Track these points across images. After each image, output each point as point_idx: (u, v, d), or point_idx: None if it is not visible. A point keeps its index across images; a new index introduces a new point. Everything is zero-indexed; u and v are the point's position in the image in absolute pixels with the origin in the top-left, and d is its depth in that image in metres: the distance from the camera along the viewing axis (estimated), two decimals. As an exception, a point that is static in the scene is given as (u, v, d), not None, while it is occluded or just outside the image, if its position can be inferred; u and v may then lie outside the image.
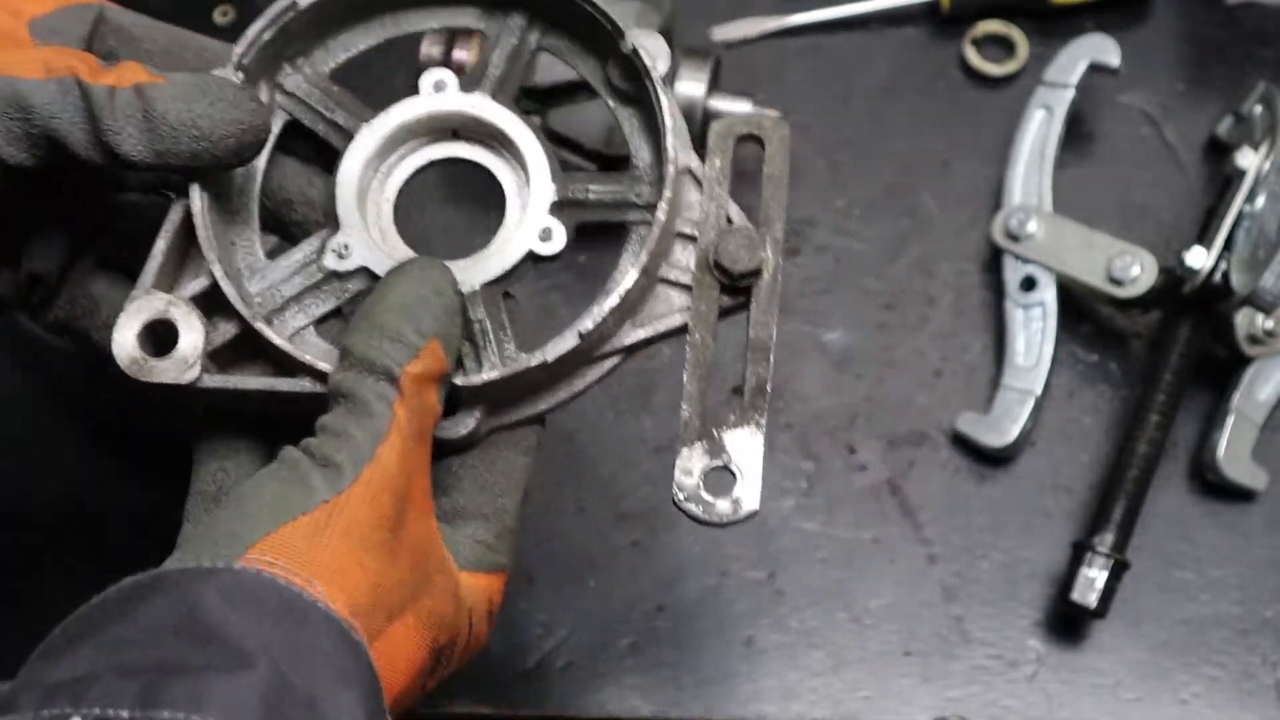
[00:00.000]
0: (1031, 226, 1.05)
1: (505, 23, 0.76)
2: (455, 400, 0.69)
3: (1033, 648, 1.00)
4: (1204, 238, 1.00)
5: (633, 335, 0.71)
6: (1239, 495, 1.03)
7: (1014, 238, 1.06)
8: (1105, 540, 0.98)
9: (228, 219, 0.72)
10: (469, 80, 0.75)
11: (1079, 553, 0.98)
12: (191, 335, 0.67)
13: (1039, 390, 1.02)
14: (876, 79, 1.15)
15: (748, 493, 0.70)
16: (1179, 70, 1.15)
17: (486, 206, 0.76)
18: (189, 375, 0.67)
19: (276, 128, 0.74)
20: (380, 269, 0.70)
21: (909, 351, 1.08)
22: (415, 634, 0.64)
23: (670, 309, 0.71)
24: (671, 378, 1.07)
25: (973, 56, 1.15)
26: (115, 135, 0.64)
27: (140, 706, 0.53)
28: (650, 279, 0.71)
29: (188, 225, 0.69)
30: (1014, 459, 1.04)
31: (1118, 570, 0.97)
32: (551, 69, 1.01)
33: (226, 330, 0.69)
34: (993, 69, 1.15)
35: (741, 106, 1.05)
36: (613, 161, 1.02)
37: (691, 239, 0.72)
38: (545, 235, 0.72)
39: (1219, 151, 1.11)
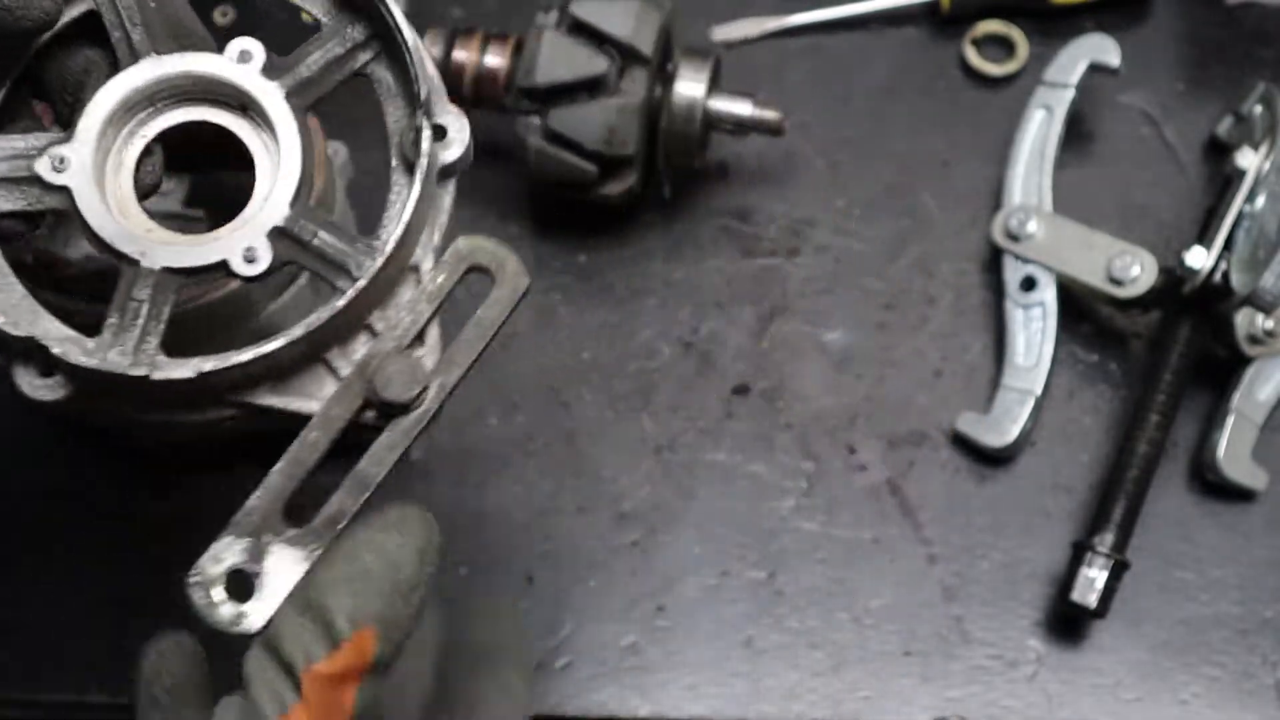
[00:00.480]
0: (1031, 226, 1.05)
1: (345, 29, 0.72)
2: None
3: (1033, 648, 1.00)
4: (1204, 238, 1.00)
5: (265, 398, 0.67)
6: (1239, 495, 1.03)
7: (1014, 238, 1.06)
8: (1105, 540, 0.98)
9: None
10: (277, 68, 0.69)
11: (1079, 553, 0.98)
12: None
13: (1039, 390, 1.02)
14: (876, 79, 1.15)
15: (259, 613, 0.64)
16: (1179, 70, 1.15)
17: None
18: None
19: (77, 11, 0.70)
20: (86, 201, 0.67)
21: (909, 351, 1.08)
22: None
23: (318, 392, 0.67)
24: (671, 377, 1.07)
25: (973, 56, 1.15)
26: None
27: None
28: (313, 351, 0.67)
29: None
30: (1014, 459, 1.04)
31: (1118, 570, 0.97)
32: (551, 69, 1.01)
33: None
34: (993, 69, 1.15)
35: (742, 106, 1.05)
36: (613, 162, 1.02)
37: (374, 335, 0.68)
38: (249, 256, 0.67)
39: (1219, 151, 1.11)
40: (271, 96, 0.68)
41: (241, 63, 0.68)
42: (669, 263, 1.09)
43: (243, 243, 0.66)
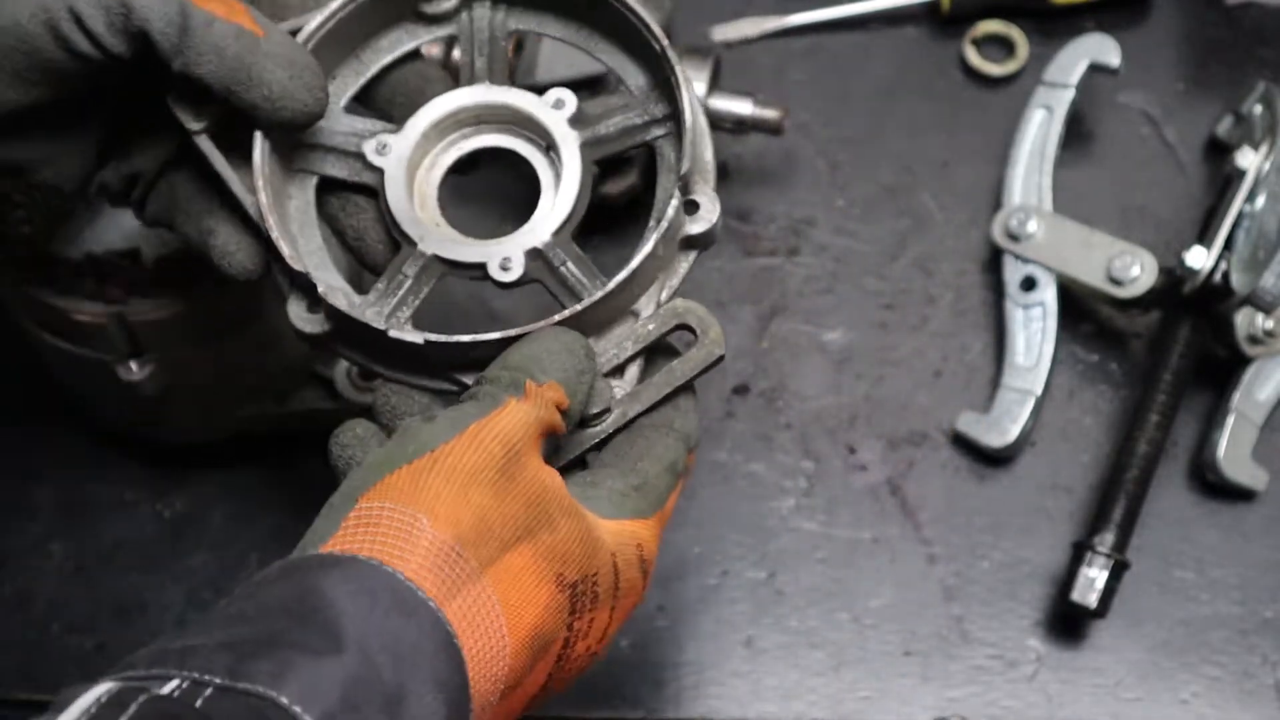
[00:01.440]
0: (1031, 226, 1.05)
1: (650, 104, 0.79)
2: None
3: (1033, 648, 1.00)
4: (1204, 238, 1.00)
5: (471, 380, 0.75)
6: (1239, 495, 1.03)
7: (1014, 238, 1.06)
8: (1105, 540, 0.98)
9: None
10: (580, 119, 0.78)
11: (1079, 553, 0.98)
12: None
13: (1039, 390, 1.02)
14: (876, 79, 1.15)
15: None
16: (1179, 70, 1.15)
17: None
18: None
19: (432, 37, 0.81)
20: (393, 183, 0.76)
21: (909, 351, 1.08)
22: (533, 565, 0.65)
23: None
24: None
25: (973, 56, 1.15)
26: (195, 58, 0.69)
27: (229, 676, 0.56)
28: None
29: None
30: (1014, 459, 1.04)
31: (1118, 570, 0.97)
32: (551, 68, 1.01)
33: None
34: (993, 69, 1.15)
35: (742, 106, 1.05)
36: (614, 161, 1.02)
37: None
38: (505, 265, 0.75)
39: (1219, 151, 1.11)
40: (570, 143, 0.77)
41: (555, 109, 0.78)
42: (669, 262, 1.09)
43: (502, 254, 0.75)
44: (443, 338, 0.72)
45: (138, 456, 1.04)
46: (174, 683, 0.55)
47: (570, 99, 0.78)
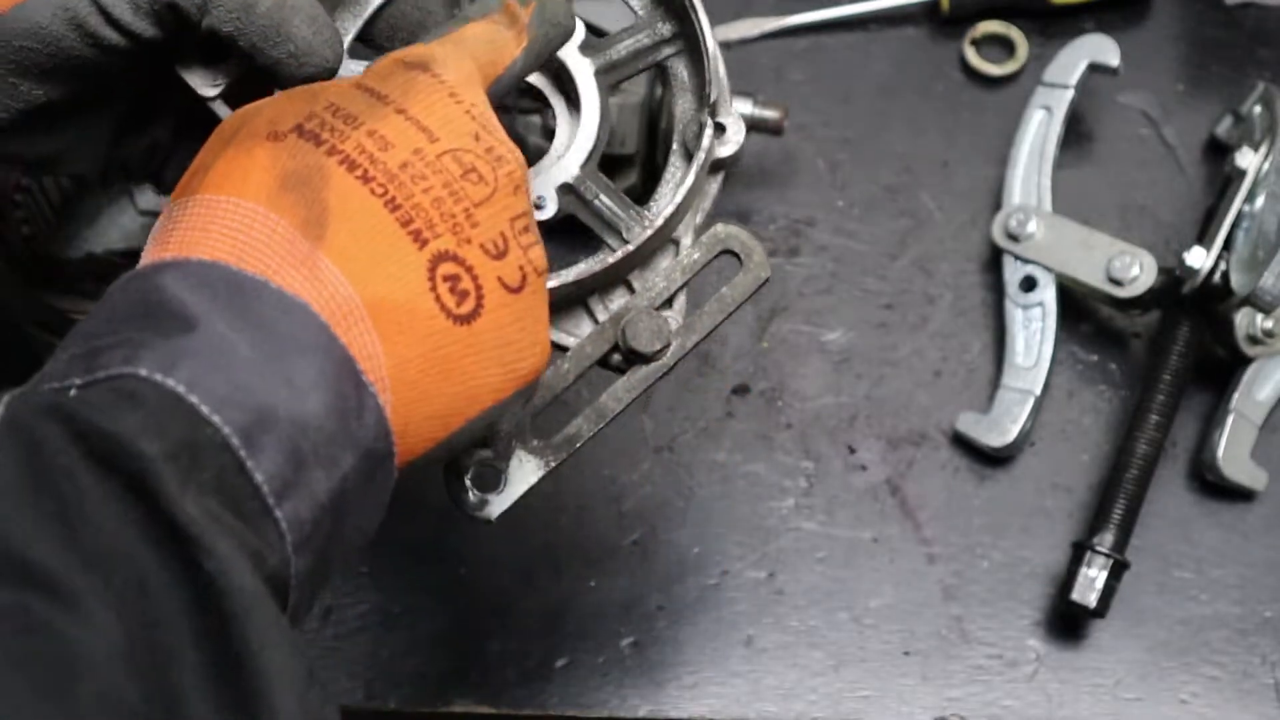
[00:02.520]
0: (1031, 226, 1.05)
1: (656, 24, 0.79)
2: None
3: (1033, 647, 1.00)
4: (1204, 238, 1.00)
5: None
6: (1239, 495, 1.03)
7: (1014, 238, 1.06)
8: (1105, 540, 0.98)
9: None
10: (590, 46, 0.78)
11: (1079, 553, 0.98)
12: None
13: (1039, 390, 1.02)
14: (876, 79, 1.15)
15: (498, 504, 0.74)
16: (1179, 70, 1.15)
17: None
18: None
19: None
20: None
21: (909, 351, 1.08)
22: (236, 153, 0.63)
23: (574, 330, 0.76)
24: (671, 377, 1.06)
25: (973, 56, 1.15)
26: (225, 15, 0.68)
27: (87, 373, 0.55)
28: (578, 295, 0.75)
29: None
30: (1014, 459, 1.04)
31: (1117, 570, 0.97)
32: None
33: None
34: (993, 69, 1.15)
35: (741, 106, 1.05)
36: (614, 161, 1.02)
37: (631, 291, 0.76)
38: (539, 204, 0.75)
39: (1219, 151, 1.11)
40: (583, 71, 0.77)
41: None
42: (669, 262, 1.09)
43: (535, 192, 0.74)
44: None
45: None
46: (43, 393, 0.55)
47: (580, 26, 0.77)
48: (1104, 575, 0.97)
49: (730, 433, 1.05)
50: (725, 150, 0.77)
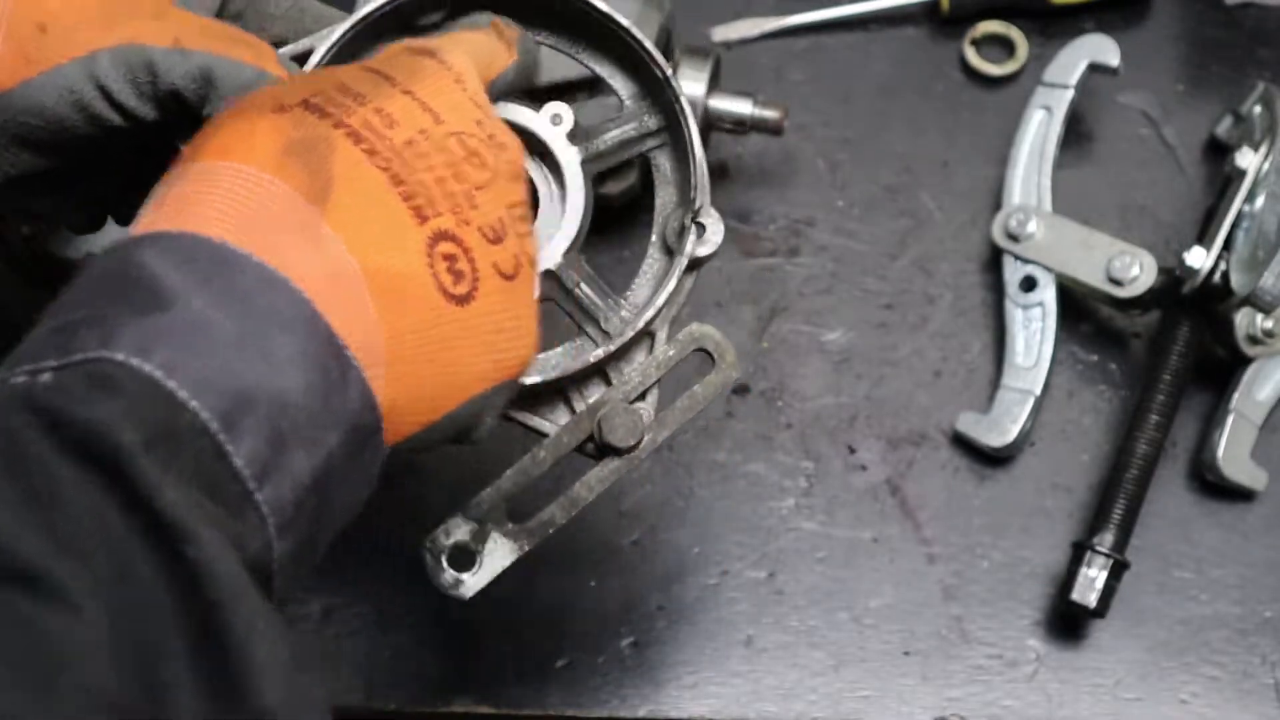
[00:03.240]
0: (1031, 226, 1.05)
1: (643, 117, 0.81)
2: None
3: (1033, 647, 1.00)
4: (1204, 238, 1.00)
5: (513, 411, 0.77)
6: (1239, 495, 1.03)
7: (1014, 238, 1.06)
8: (1105, 540, 0.98)
9: None
10: (577, 135, 0.79)
11: (1079, 553, 0.98)
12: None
13: (1039, 390, 1.02)
14: (876, 79, 1.15)
15: (472, 584, 0.78)
16: (1179, 70, 1.15)
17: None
18: None
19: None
20: None
21: (909, 351, 1.08)
22: (240, 117, 0.63)
23: (551, 417, 0.79)
24: (669, 378, 1.06)
25: (973, 56, 1.15)
26: (224, 107, 0.68)
27: (61, 355, 0.55)
28: (558, 386, 0.77)
29: None
30: (1014, 459, 1.04)
31: (1117, 570, 0.97)
32: (551, 69, 1.01)
33: None
34: (993, 69, 1.15)
35: (742, 106, 1.05)
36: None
37: (607, 383, 0.78)
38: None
39: (1219, 151, 1.11)
40: (570, 160, 0.78)
41: (554, 124, 0.78)
42: (669, 263, 1.09)
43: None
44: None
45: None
46: (16, 381, 0.54)
47: (567, 114, 0.78)
48: (1104, 575, 0.97)
49: (730, 433, 1.05)
50: (705, 250, 0.79)
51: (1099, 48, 1.09)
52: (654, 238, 0.81)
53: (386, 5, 0.77)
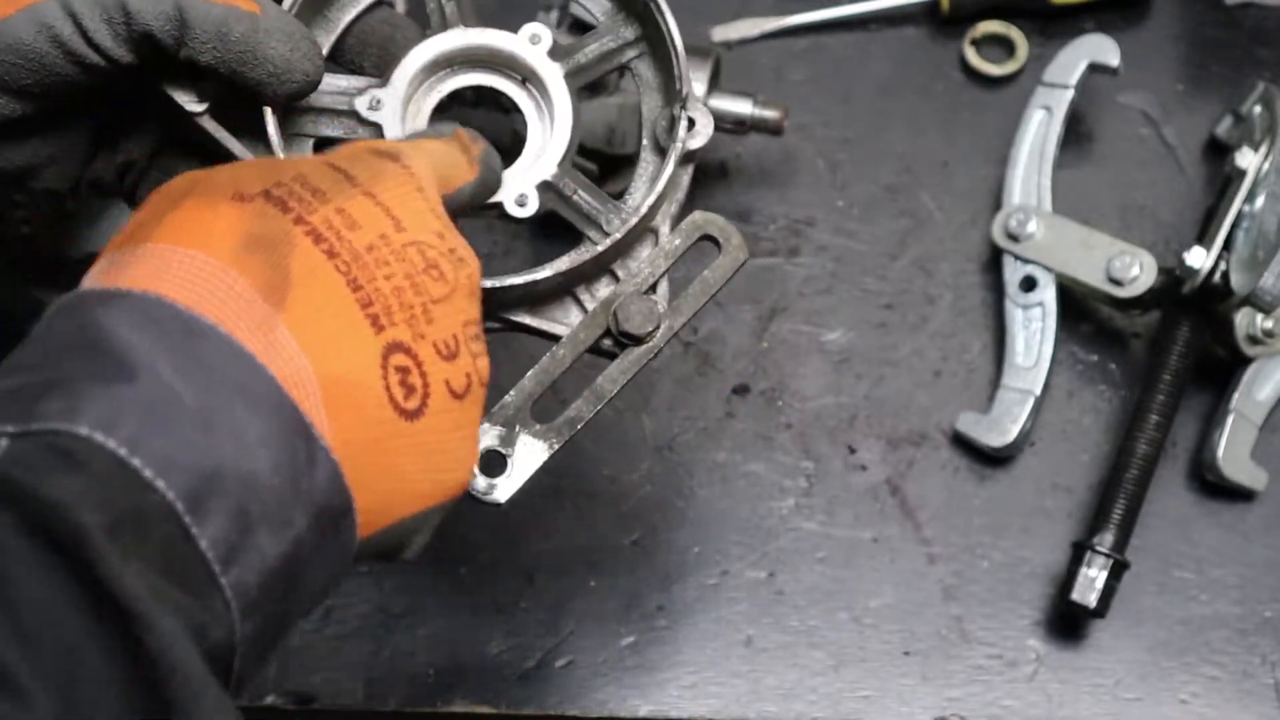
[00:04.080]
0: (1031, 226, 1.05)
1: (620, 28, 0.83)
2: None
3: (1033, 647, 1.00)
4: (1203, 238, 1.00)
5: (524, 317, 0.79)
6: (1239, 495, 1.03)
7: (1014, 238, 1.06)
8: (1105, 540, 0.98)
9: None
10: (558, 53, 0.81)
11: (1079, 553, 0.98)
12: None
13: (1039, 390, 1.02)
14: (876, 79, 1.15)
15: (506, 487, 0.76)
16: (1179, 70, 1.15)
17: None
18: None
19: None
20: (392, 136, 0.78)
21: (909, 351, 1.08)
22: (201, 205, 0.62)
23: (564, 319, 0.79)
24: (671, 377, 1.07)
25: (973, 56, 1.15)
26: (200, 46, 0.69)
27: (21, 421, 0.53)
28: (566, 285, 0.79)
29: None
30: (1014, 459, 1.04)
31: (1117, 570, 0.97)
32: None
33: None
34: (993, 69, 1.15)
35: (742, 106, 1.05)
36: (614, 160, 1.02)
37: (616, 280, 0.80)
38: (521, 201, 0.78)
39: (1219, 151, 1.11)
40: (553, 75, 0.80)
41: (532, 44, 0.80)
42: (669, 262, 1.09)
43: (516, 190, 0.78)
44: (494, 282, 0.74)
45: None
46: None
47: (545, 33, 0.80)
48: (1104, 575, 0.97)
49: (730, 433, 1.05)
50: (695, 142, 0.80)
51: (1099, 48, 1.09)
52: (645, 141, 0.83)
53: None
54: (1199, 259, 0.99)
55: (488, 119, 0.85)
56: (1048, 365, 1.03)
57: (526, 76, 0.81)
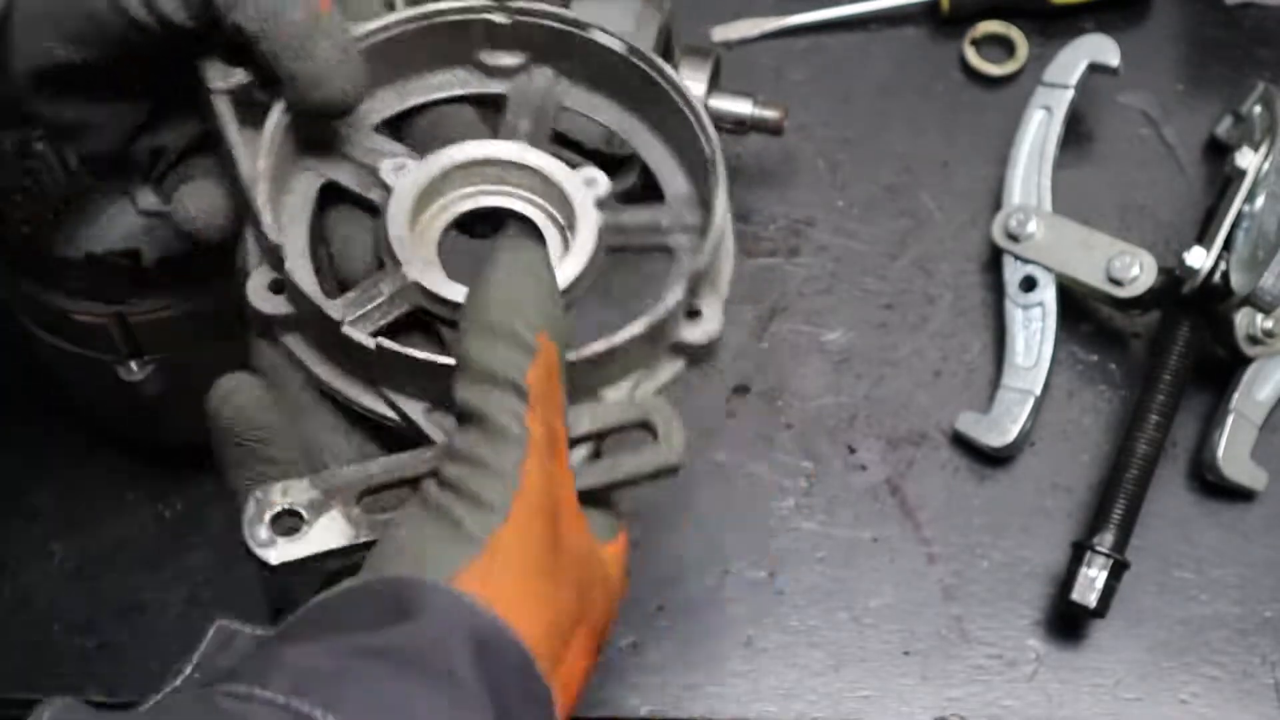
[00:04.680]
0: (1031, 226, 1.05)
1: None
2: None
3: (1033, 647, 1.00)
4: (1203, 238, 1.00)
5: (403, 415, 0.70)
6: (1239, 495, 1.03)
7: (1014, 238, 1.06)
8: (1105, 540, 0.98)
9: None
10: (605, 204, 0.75)
11: (1079, 552, 0.98)
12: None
13: (1039, 390, 1.02)
14: (876, 79, 1.15)
15: (284, 552, 0.66)
16: (1179, 70, 1.15)
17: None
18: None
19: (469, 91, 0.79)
20: (398, 203, 0.72)
21: (909, 351, 1.08)
22: (586, 648, 0.63)
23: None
24: (671, 378, 1.07)
25: (973, 56, 1.15)
26: (253, 13, 0.68)
27: None
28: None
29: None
30: (1014, 459, 1.04)
31: (1117, 570, 0.97)
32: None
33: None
34: (993, 69, 1.15)
35: (742, 106, 1.05)
36: (613, 161, 1.02)
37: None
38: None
39: (1219, 151, 1.11)
40: (589, 221, 0.74)
41: (586, 185, 0.75)
42: (669, 263, 1.09)
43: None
44: (396, 347, 0.66)
45: (138, 456, 1.04)
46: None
47: (603, 181, 0.75)
48: (1104, 575, 0.97)
49: (730, 433, 1.05)
50: (693, 335, 0.71)
51: (1099, 48, 1.09)
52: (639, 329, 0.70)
53: (452, 12, 0.76)
54: (1199, 259, 0.99)
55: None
56: (1048, 365, 1.03)
57: (567, 219, 0.74)
